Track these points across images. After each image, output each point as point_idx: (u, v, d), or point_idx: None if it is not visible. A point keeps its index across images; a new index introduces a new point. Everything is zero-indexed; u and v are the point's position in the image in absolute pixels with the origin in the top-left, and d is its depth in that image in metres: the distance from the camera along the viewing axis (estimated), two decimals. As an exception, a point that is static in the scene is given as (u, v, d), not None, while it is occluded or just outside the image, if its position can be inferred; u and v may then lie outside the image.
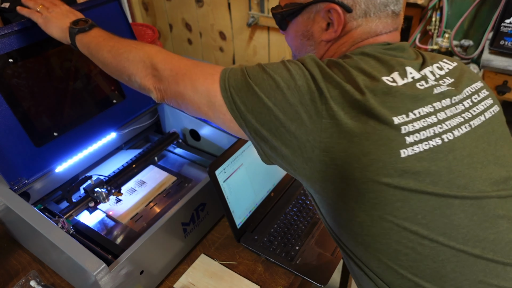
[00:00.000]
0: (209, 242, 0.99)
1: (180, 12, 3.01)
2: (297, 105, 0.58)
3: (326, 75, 0.59)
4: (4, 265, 0.93)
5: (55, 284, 0.89)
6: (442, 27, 2.00)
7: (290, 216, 1.02)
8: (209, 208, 0.97)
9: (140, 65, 0.70)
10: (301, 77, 0.59)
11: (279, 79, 0.59)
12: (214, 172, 0.89)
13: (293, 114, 0.58)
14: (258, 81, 0.60)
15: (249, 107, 0.60)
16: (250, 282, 0.89)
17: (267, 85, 0.60)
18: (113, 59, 0.74)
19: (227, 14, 2.79)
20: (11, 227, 0.96)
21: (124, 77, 0.74)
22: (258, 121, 0.60)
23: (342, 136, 0.56)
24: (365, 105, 0.56)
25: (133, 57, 0.71)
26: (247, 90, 0.61)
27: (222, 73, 0.64)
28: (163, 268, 0.89)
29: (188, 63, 0.68)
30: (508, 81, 1.53)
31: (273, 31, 2.66)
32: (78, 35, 0.79)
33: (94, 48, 0.77)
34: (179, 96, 0.67)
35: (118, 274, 0.76)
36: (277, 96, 0.59)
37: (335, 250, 0.94)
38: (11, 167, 0.85)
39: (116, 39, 0.77)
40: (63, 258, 0.78)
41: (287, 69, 0.61)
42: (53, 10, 0.83)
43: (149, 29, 1.56)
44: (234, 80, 0.62)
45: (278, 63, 0.63)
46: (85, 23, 0.80)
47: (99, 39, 0.77)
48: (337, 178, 0.57)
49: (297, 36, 0.73)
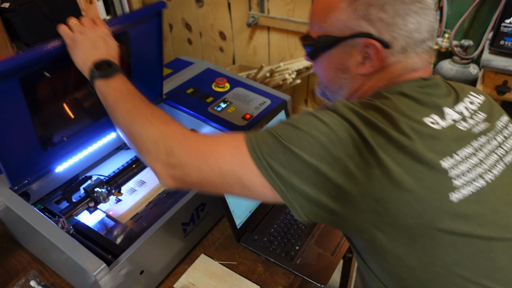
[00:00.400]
0: (209, 242, 0.99)
1: (180, 12, 3.01)
2: (344, 158, 0.55)
3: (367, 122, 0.56)
4: (4, 265, 0.93)
5: (55, 284, 0.89)
6: (442, 27, 2.00)
7: (290, 216, 1.02)
8: (209, 208, 0.97)
9: (151, 146, 0.64)
10: (340, 127, 0.56)
11: (317, 134, 0.56)
12: (214, 172, 0.89)
13: (340, 168, 0.55)
14: (294, 140, 0.57)
15: (290, 170, 0.56)
16: (250, 282, 0.89)
17: (305, 143, 0.56)
18: (125, 127, 0.68)
19: (227, 14, 2.79)
20: (11, 227, 0.96)
21: (134, 149, 0.68)
22: (302, 182, 0.56)
23: (393, 184, 0.54)
24: (413, 150, 0.55)
25: (146, 135, 0.65)
26: (284, 152, 0.56)
27: (249, 143, 0.59)
28: (163, 268, 0.89)
29: (206, 141, 0.62)
30: (508, 81, 1.52)
31: (273, 31, 2.66)
32: (98, 80, 0.72)
33: (111, 103, 0.71)
34: (205, 182, 0.62)
35: (118, 274, 0.76)
36: (320, 152, 0.55)
37: (335, 250, 0.94)
38: (17, 171, 0.84)
39: (135, 100, 0.70)
40: (63, 258, 0.78)
41: (322, 121, 0.57)
42: (87, 32, 0.75)
43: (149, 29, 1.56)
44: (265, 146, 0.58)
45: (308, 117, 0.59)
46: (108, 67, 0.72)
47: (118, 94, 0.71)
48: (389, 225, 0.56)
49: (330, 68, 0.70)
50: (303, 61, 2.51)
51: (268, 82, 2.43)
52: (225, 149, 0.60)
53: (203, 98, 1.17)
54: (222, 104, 1.15)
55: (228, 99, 1.18)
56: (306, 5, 2.44)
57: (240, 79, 1.27)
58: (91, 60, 0.73)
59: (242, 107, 1.15)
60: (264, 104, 1.17)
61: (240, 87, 1.24)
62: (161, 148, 0.63)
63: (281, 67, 2.46)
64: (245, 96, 1.20)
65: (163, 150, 0.63)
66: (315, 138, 0.56)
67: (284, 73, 2.40)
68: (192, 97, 1.18)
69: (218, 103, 1.16)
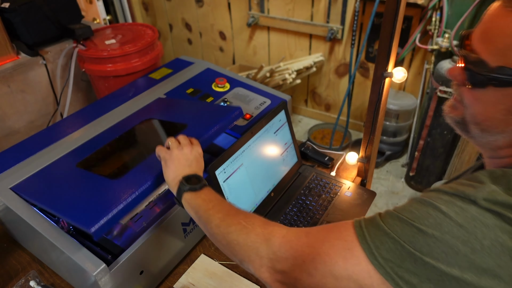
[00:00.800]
0: (209, 242, 0.99)
1: (180, 12, 3.01)
2: (494, 269, 0.44)
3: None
4: (3, 265, 0.93)
5: (55, 284, 0.89)
6: (442, 27, 2.00)
7: (290, 216, 1.02)
8: (209, 208, 0.97)
9: (252, 253, 0.59)
10: (484, 231, 0.45)
11: (453, 241, 0.45)
12: (214, 172, 0.89)
13: (488, 279, 0.45)
14: (425, 250, 0.47)
15: (424, 277, 0.47)
16: (250, 282, 0.89)
17: (440, 252, 0.46)
18: (222, 237, 0.65)
19: (227, 14, 2.79)
20: (10, 227, 0.96)
21: (235, 259, 0.64)
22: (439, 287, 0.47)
23: None
24: None
25: (244, 241, 0.61)
26: (413, 261, 0.47)
27: (364, 246, 0.51)
28: (163, 268, 0.89)
29: (310, 242, 0.55)
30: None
31: (273, 31, 2.66)
32: (187, 193, 0.72)
33: (203, 216, 0.69)
34: (320, 286, 0.55)
35: (118, 274, 0.76)
36: (461, 263, 0.45)
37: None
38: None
39: (226, 208, 0.68)
40: (62, 258, 0.78)
41: (456, 223, 0.46)
42: (184, 149, 0.79)
43: (149, 29, 1.56)
44: (387, 252, 0.49)
45: (432, 212, 0.48)
46: (198, 182, 0.73)
47: (209, 205, 0.69)
48: None
49: (498, 107, 0.55)
50: (303, 61, 2.51)
51: (268, 82, 2.43)
52: (334, 252, 0.53)
53: (203, 98, 1.17)
54: (222, 104, 1.15)
55: (228, 99, 1.18)
56: (306, 5, 2.44)
57: (240, 79, 1.27)
58: (182, 174, 0.76)
59: (242, 107, 1.15)
60: (264, 104, 1.17)
61: (240, 87, 1.24)
62: (263, 255, 0.58)
63: (281, 67, 2.46)
64: (245, 96, 1.20)
65: (266, 256, 0.58)
66: (452, 248, 0.45)
67: (284, 73, 2.40)
68: (192, 97, 1.18)
69: (218, 103, 1.16)
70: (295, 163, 1.14)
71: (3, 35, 1.37)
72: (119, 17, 2.94)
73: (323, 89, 2.75)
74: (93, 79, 1.53)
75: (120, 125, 1.05)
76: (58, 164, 0.92)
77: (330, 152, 1.25)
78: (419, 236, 0.47)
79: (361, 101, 2.65)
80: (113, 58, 1.41)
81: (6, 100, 1.40)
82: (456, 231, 0.46)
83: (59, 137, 1.00)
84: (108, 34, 1.54)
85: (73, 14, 1.56)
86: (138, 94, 1.18)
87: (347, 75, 2.59)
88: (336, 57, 2.55)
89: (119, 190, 0.80)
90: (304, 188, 1.10)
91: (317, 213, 1.03)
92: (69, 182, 0.87)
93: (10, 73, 1.38)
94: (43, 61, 1.47)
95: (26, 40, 1.45)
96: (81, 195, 0.81)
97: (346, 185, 1.11)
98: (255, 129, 1.01)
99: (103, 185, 0.83)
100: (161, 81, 1.25)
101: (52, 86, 1.53)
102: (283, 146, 1.10)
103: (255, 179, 1.01)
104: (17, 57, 1.44)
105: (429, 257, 0.46)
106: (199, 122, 0.99)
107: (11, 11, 1.39)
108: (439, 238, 0.46)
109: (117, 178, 0.85)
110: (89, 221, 0.73)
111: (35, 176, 0.88)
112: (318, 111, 2.89)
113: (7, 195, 0.84)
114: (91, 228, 0.72)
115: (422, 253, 0.47)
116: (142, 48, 1.43)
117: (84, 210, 0.77)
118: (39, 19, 1.44)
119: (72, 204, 0.79)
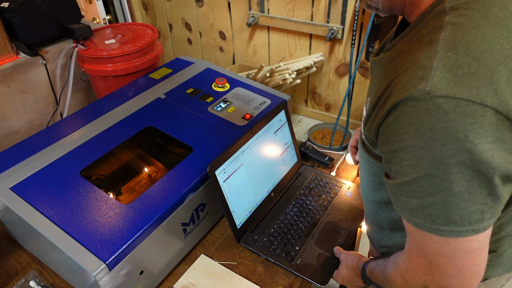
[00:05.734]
0: (209, 242, 0.99)
1: (180, 12, 3.01)
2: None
3: None
4: (3, 265, 0.93)
5: (55, 285, 0.89)
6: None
7: (290, 216, 1.02)
8: (209, 208, 0.97)
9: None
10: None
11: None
12: (214, 172, 0.89)
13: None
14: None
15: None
16: (250, 282, 0.89)
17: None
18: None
19: (227, 14, 2.78)
20: (10, 227, 0.96)
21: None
22: None
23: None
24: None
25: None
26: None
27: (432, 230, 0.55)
28: (163, 268, 0.89)
29: (464, 267, 0.56)
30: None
31: (273, 31, 2.66)
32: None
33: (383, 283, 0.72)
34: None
35: (118, 274, 0.76)
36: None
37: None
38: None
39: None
40: (62, 258, 0.78)
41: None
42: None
43: (149, 29, 1.56)
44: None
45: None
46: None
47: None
48: None
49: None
50: (303, 61, 2.51)
51: (268, 82, 2.43)
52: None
53: (203, 98, 1.17)
54: (222, 104, 1.15)
55: (228, 99, 1.18)
56: (306, 5, 2.44)
57: (240, 79, 1.27)
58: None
59: (242, 107, 1.15)
60: (264, 104, 1.17)
61: (240, 87, 1.24)
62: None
63: (281, 67, 2.46)
64: (245, 96, 1.20)
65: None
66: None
67: (284, 73, 2.40)
68: (192, 97, 1.17)
69: (218, 103, 1.16)
70: (295, 163, 1.14)
71: (3, 35, 1.37)
72: (119, 17, 2.94)
73: (323, 89, 2.75)
74: (93, 79, 1.53)
75: (120, 125, 1.05)
76: (59, 167, 0.92)
77: (330, 152, 1.24)
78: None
79: (361, 101, 2.65)
80: (112, 58, 1.41)
81: (5, 100, 1.39)
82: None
83: (59, 137, 1.00)
84: (108, 34, 1.54)
85: (72, 14, 1.56)
86: (138, 94, 1.18)
87: (347, 75, 2.58)
88: (336, 57, 2.55)
89: (130, 219, 0.81)
90: (304, 188, 1.10)
91: (317, 213, 1.03)
92: (74, 199, 0.85)
93: (10, 73, 1.38)
94: (43, 61, 1.47)
95: (25, 40, 1.45)
96: (94, 218, 0.81)
97: (346, 185, 1.11)
98: (255, 129, 1.01)
99: (112, 209, 0.83)
100: (161, 81, 1.25)
101: (51, 86, 1.53)
102: (283, 146, 1.10)
103: (255, 179, 1.00)
104: (17, 57, 1.44)
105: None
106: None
107: (10, 10, 1.39)
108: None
109: (128, 202, 0.84)
110: (102, 250, 0.75)
111: (35, 177, 0.88)
112: (318, 111, 2.89)
113: (7, 195, 0.84)
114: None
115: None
116: (142, 48, 1.43)
117: (99, 236, 0.77)
118: (39, 18, 1.44)
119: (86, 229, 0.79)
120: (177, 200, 0.86)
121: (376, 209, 0.76)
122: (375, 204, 0.76)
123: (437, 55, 0.49)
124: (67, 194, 0.84)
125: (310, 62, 2.49)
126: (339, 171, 1.19)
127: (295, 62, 2.53)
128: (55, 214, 0.80)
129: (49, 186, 0.86)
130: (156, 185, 0.88)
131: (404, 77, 0.52)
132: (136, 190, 1.04)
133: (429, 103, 0.48)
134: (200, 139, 1.02)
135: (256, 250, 0.94)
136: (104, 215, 0.81)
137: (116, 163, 1.09)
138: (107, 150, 0.97)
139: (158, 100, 1.15)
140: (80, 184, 0.87)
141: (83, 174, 0.90)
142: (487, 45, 0.49)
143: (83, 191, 0.85)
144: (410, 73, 0.51)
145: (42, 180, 0.87)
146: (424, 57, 0.51)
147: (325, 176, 1.14)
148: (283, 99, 1.19)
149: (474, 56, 0.48)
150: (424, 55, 0.51)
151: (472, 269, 0.55)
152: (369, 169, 0.71)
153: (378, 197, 0.73)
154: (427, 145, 0.50)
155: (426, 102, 0.48)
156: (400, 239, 0.75)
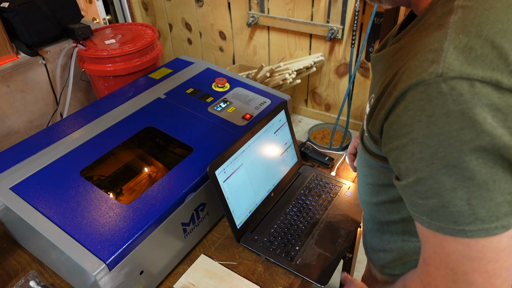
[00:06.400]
0: (209, 242, 0.99)
1: (180, 12, 3.01)
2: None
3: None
4: (3, 265, 0.93)
5: (55, 285, 0.89)
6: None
7: (290, 216, 1.02)
8: (209, 208, 0.97)
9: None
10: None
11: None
12: (214, 172, 0.89)
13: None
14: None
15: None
16: (250, 282, 0.89)
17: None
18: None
19: (227, 14, 2.78)
20: (10, 227, 0.96)
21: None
22: None
23: None
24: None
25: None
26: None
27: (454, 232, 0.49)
28: (163, 268, 0.89)
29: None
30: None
31: (273, 31, 2.66)
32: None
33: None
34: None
35: (118, 274, 0.76)
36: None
37: (335, 250, 0.94)
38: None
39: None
40: (62, 258, 0.78)
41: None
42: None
43: (149, 29, 1.56)
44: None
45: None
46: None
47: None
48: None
49: None
50: (303, 61, 2.51)
51: (268, 82, 2.43)
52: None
53: (203, 98, 1.17)
54: (222, 104, 1.15)
55: (228, 99, 1.18)
56: (306, 5, 2.44)
57: (240, 79, 1.27)
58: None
59: (242, 107, 1.15)
60: (264, 104, 1.17)
61: (240, 87, 1.24)
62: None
63: (281, 67, 2.46)
64: (245, 96, 1.20)
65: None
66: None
67: (284, 73, 2.40)
68: (192, 97, 1.17)
69: (218, 103, 1.16)
70: (295, 163, 1.14)
71: (3, 35, 1.37)
72: (119, 17, 2.94)
73: (323, 89, 2.75)
74: (93, 79, 1.53)
75: (120, 125, 1.05)
76: (59, 167, 0.92)
77: (330, 152, 1.24)
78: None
79: (361, 101, 2.65)
80: (112, 58, 1.41)
81: (5, 100, 1.39)
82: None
83: (59, 137, 1.00)
84: (108, 34, 1.54)
85: (72, 14, 1.56)
86: (138, 94, 1.18)
87: (347, 75, 2.58)
88: (336, 57, 2.55)
89: (130, 219, 0.81)
90: (304, 188, 1.10)
91: (317, 213, 1.03)
92: (74, 198, 0.85)
93: (10, 73, 1.38)
94: (43, 61, 1.47)
95: (25, 40, 1.45)
96: (94, 217, 0.81)
97: (346, 185, 1.11)
98: (255, 129, 1.01)
99: (112, 209, 0.83)
100: (161, 81, 1.25)
101: (51, 86, 1.53)
102: (283, 146, 1.10)
103: (255, 179, 1.00)
104: (17, 57, 1.44)
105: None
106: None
107: (10, 10, 1.39)
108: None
109: (128, 202, 0.84)
110: (102, 250, 0.75)
111: (35, 177, 0.88)
112: (318, 111, 2.89)
113: (7, 195, 0.84)
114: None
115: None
116: (141, 48, 1.43)
117: (98, 236, 0.77)
118: (39, 18, 1.44)
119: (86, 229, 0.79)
120: (177, 200, 0.86)
121: (375, 212, 0.75)
122: (375, 207, 0.74)
123: (448, 37, 0.46)
124: (67, 194, 0.84)
125: (310, 62, 2.49)
126: (339, 171, 1.19)
127: (295, 62, 2.53)
128: (55, 214, 0.80)
129: (49, 186, 0.86)
130: (156, 185, 0.88)
131: (413, 62, 0.48)
132: (136, 190, 1.04)
133: (442, 86, 0.45)
134: (200, 139, 1.02)
135: (256, 250, 0.94)
136: (104, 215, 0.81)
137: (116, 163, 1.09)
138: (107, 150, 0.97)
139: (158, 100, 1.15)
140: (80, 184, 0.87)
141: (83, 174, 0.90)
142: (500, 26, 0.46)
143: (83, 191, 0.85)
144: (419, 57, 0.48)
145: (42, 180, 0.87)
146: (434, 40, 0.47)
147: (325, 176, 1.14)
148: (283, 99, 1.19)
149: (487, 37, 0.46)
150: (434, 38, 0.47)
151: (503, 274, 0.49)
152: (367, 172, 0.69)
153: (377, 200, 0.71)
154: (442, 131, 0.45)
155: (439, 85, 0.45)
156: (400, 243, 0.73)
